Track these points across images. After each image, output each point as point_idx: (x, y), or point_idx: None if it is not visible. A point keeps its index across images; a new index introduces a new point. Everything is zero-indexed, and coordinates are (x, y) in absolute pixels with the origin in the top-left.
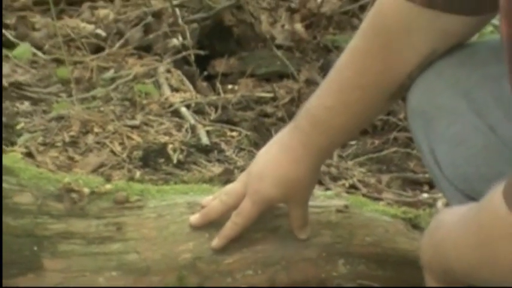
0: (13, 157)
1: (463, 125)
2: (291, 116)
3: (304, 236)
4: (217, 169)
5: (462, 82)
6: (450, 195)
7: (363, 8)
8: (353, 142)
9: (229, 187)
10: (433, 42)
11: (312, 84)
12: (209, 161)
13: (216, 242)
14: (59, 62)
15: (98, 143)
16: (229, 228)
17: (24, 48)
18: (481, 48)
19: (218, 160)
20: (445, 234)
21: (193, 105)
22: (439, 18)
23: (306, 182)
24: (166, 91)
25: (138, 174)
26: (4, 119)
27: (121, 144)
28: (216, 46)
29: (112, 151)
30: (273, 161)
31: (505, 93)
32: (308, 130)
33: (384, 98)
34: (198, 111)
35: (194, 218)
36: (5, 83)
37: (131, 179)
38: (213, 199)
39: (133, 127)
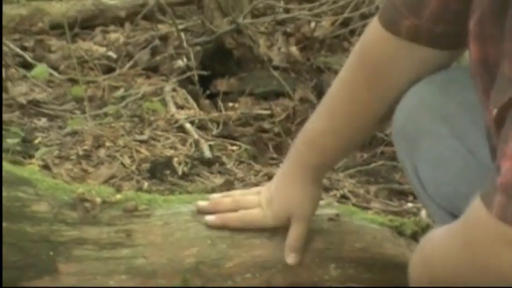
0: (31, 169)
1: (443, 147)
2: (286, 131)
3: (291, 260)
4: (218, 180)
5: (442, 108)
6: (433, 211)
7: (353, 32)
8: None
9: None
10: (417, 71)
11: (305, 102)
12: (211, 173)
13: (213, 220)
14: (73, 81)
15: (109, 156)
16: (234, 218)
17: (41, 69)
18: (459, 75)
19: (220, 172)
20: (432, 247)
21: (196, 121)
22: (421, 50)
23: (303, 199)
24: (172, 108)
25: (146, 185)
26: (23, 134)
27: (130, 157)
28: (217, 67)
29: (122, 164)
30: (278, 182)
31: (482, 118)
32: (303, 151)
33: (373, 122)
34: (201, 127)
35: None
36: (23, 100)
37: (139, 189)
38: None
39: (141, 141)
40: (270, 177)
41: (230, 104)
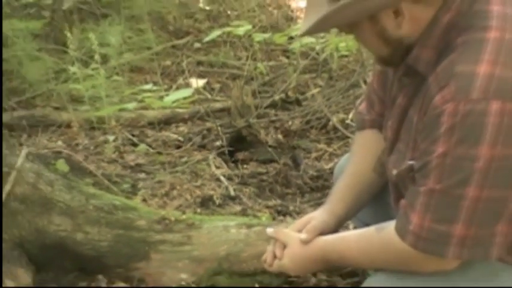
0: (136, 202)
1: None
2: (276, 181)
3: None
4: (238, 208)
5: None
6: (355, 221)
7: (312, 127)
8: (307, 195)
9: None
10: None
11: (286, 165)
12: (234, 204)
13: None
14: (159, 153)
15: (179, 194)
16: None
17: (142, 147)
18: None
19: (239, 203)
20: (351, 241)
21: (226, 175)
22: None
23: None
24: (213, 168)
25: (198, 210)
26: (131, 182)
27: (190, 195)
28: (238, 146)
29: (185, 198)
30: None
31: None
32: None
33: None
34: (229, 178)
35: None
36: (132, 163)
37: (195, 213)
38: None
39: (196, 186)
40: (267, 206)
41: (245, 166)
